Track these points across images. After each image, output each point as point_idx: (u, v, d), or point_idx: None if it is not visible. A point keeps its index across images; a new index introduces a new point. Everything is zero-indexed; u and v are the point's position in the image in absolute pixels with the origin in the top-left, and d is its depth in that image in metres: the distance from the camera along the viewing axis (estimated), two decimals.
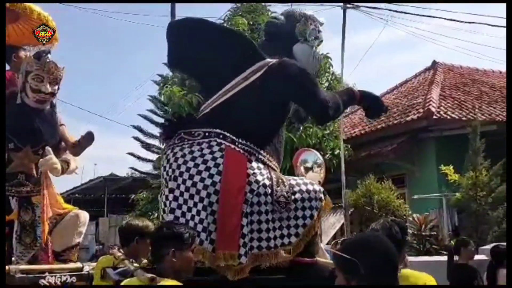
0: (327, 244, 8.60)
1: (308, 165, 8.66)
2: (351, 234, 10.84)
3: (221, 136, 2.91)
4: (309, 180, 3.21)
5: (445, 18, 15.12)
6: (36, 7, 4.48)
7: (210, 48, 3.11)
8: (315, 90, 3.10)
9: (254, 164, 2.91)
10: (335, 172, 10.47)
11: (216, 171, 2.80)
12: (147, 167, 16.45)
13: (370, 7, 11.33)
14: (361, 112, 15.65)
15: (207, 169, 2.81)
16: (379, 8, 11.50)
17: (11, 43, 4.69)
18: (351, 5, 10.67)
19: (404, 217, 9.31)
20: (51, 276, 3.37)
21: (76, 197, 18.84)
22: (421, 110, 11.17)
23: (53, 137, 3.99)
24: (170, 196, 2.86)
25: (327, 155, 11.76)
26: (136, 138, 15.70)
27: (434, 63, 14.75)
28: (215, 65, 3.12)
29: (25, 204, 3.88)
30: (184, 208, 2.80)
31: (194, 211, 2.78)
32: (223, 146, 2.87)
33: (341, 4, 10.58)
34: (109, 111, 46.41)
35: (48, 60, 3.89)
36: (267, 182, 2.88)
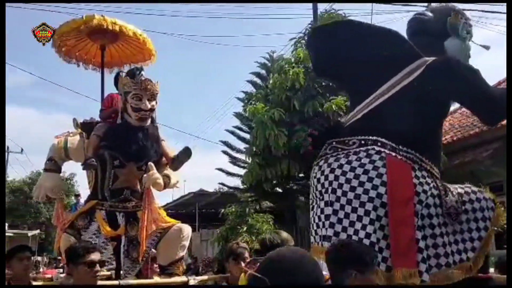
0: None
1: None
2: None
3: (379, 144, 2.68)
4: (477, 188, 2.97)
5: None
6: (130, 26, 4.69)
7: (361, 49, 2.91)
8: (485, 88, 2.80)
9: (419, 173, 2.65)
10: None
11: (380, 182, 2.56)
12: (235, 182, 16.89)
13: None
14: (450, 118, 14.95)
15: (370, 179, 2.58)
16: (468, 10, 11.01)
17: (113, 62, 5.00)
18: None
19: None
20: None
21: (169, 212, 19.55)
22: None
23: (155, 153, 4.07)
24: (328, 210, 2.63)
25: None
26: (225, 152, 16.20)
27: None
28: (366, 68, 2.88)
29: (131, 219, 3.97)
30: (346, 222, 2.56)
31: (358, 225, 2.52)
32: (383, 154, 2.64)
33: (425, 5, 10.25)
34: (196, 130, 47.96)
35: (143, 78, 3.94)
36: (435, 192, 2.64)
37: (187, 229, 4.06)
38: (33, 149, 61.31)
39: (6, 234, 26.50)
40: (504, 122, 11.09)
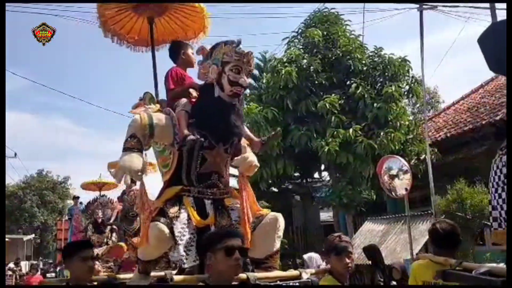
0: (419, 252, 8.26)
1: (393, 172, 8.39)
2: None
3: None
4: None
5: None
6: None
7: None
8: None
9: None
10: (422, 178, 10.07)
11: None
12: (231, 183, 16.81)
13: (448, 6, 10.89)
14: (444, 114, 14.96)
15: None
16: (457, 6, 11.02)
17: (159, 39, 4.40)
18: (427, 6, 10.31)
19: None
20: (284, 284, 3.12)
21: None
22: None
23: (241, 134, 3.62)
24: None
25: (413, 161, 11.36)
26: None
27: None
28: None
29: (220, 207, 3.49)
30: None
31: None
32: None
33: (417, 5, 10.25)
34: None
35: (246, 51, 3.44)
36: None
37: (282, 218, 3.53)
38: (26, 153, 61.03)
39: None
40: (498, 118, 10.99)
